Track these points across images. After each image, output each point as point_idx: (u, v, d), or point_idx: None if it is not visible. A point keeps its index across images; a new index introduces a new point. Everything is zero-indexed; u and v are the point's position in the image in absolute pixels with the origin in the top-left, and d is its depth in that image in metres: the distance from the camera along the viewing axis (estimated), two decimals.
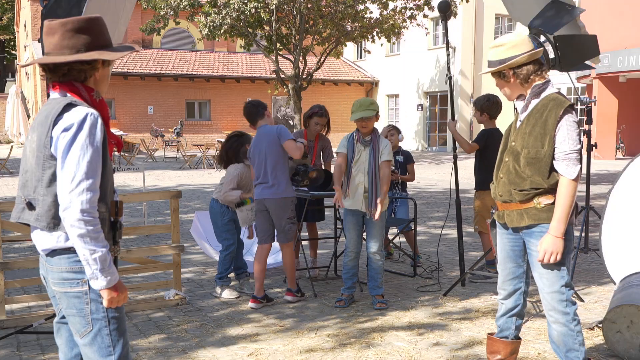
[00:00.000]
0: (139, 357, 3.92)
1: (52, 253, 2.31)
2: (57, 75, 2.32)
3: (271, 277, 5.92)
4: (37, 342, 4.21)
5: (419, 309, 4.90)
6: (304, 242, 6.33)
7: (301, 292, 5.17)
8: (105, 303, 2.26)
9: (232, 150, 5.38)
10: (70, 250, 2.27)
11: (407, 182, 6.64)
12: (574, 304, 3.11)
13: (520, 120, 3.19)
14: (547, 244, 3.01)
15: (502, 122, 5.25)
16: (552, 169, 3.06)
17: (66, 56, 2.27)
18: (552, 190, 3.06)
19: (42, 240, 2.32)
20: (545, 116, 3.04)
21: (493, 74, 3.17)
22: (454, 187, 5.72)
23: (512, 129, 3.25)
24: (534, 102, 3.13)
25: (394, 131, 6.41)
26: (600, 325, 4.14)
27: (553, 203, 3.05)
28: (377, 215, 4.77)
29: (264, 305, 4.99)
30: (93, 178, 2.21)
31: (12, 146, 19.83)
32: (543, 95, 3.12)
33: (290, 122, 27.40)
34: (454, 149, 5.53)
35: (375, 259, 4.93)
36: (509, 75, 3.13)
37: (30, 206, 2.30)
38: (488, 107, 5.64)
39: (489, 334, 3.51)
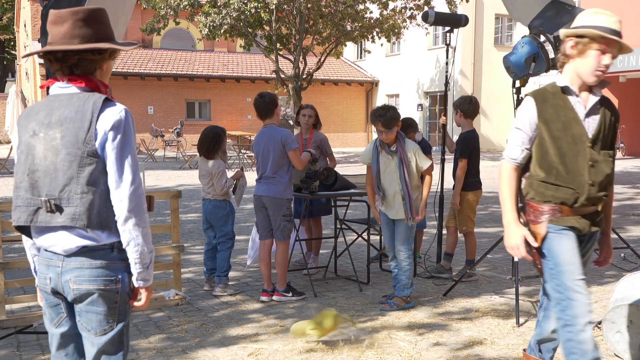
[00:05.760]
0: (139, 357, 3.92)
1: (83, 251, 2.18)
2: (65, 65, 2.21)
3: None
4: (37, 342, 4.21)
5: (419, 309, 4.90)
6: (303, 239, 6.31)
7: (294, 292, 5.16)
8: (142, 301, 2.26)
9: (213, 143, 5.39)
10: (107, 247, 2.19)
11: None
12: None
13: (587, 115, 2.91)
14: None
15: (504, 121, 5.28)
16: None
17: (78, 45, 2.17)
18: None
19: (70, 240, 2.18)
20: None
21: (617, 42, 2.84)
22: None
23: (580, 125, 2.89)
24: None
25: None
26: (600, 325, 4.14)
27: None
28: (419, 219, 4.83)
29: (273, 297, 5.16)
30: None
31: (12, 146, 19.84)
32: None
33: (290, 122, 27.34)
34: (442, 152, 5.59)
35: (399, 258, 4.90)
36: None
37: (57, 207, 2.15)
38: (469, 107, 5.69)
39: (524, 349, 3.27)
